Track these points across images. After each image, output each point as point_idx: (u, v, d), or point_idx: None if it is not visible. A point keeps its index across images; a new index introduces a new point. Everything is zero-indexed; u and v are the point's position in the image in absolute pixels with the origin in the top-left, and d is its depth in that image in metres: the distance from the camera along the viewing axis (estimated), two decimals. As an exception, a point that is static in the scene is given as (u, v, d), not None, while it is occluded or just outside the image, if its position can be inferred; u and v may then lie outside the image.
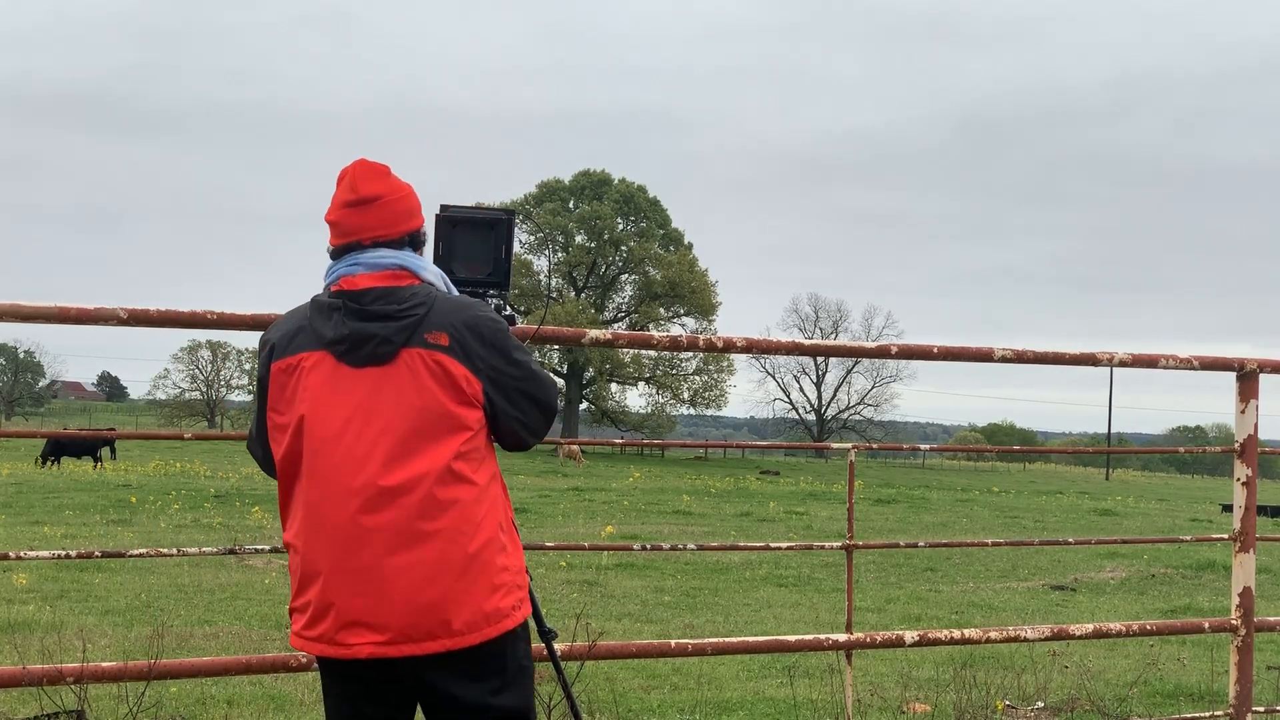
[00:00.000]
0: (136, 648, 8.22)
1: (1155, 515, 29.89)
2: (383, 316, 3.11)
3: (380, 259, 3.20)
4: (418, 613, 3.03)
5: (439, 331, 3.12)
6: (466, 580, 3.06)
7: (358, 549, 3.04)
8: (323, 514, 3.07)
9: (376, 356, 3.09)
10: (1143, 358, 5.09)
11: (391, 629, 3.02)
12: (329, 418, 3.09)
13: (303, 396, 3.12)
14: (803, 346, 5.43)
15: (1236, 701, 5.10)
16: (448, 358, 3.10)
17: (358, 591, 3.03)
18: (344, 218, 3.23)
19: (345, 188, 3.24)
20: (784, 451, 76.73)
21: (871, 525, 22.59)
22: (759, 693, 7.66)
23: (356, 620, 3.03)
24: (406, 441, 3.06)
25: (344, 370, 3.11)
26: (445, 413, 3.09)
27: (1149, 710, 7.33)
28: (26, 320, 3.81)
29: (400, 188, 3.28)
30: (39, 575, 11.95)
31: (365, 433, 3.07)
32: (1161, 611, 12.62)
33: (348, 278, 3.18)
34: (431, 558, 3.04)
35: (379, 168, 3.27)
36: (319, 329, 3.15)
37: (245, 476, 30.24)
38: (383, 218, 3.23)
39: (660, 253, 73.61)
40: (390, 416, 3.07)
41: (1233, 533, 5.23)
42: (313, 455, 3.10)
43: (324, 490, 3.07)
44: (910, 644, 4.99)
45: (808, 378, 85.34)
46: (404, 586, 3.02)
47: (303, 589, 3.11)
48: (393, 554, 3.03)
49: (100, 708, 5.78)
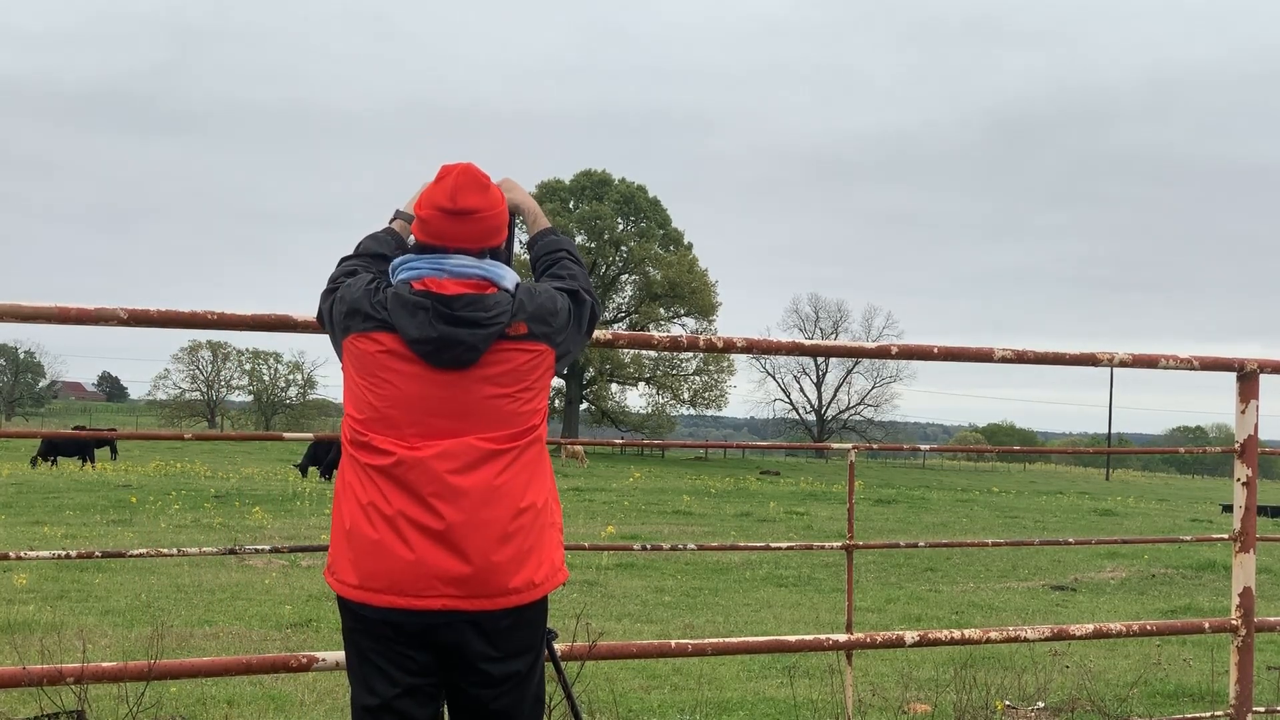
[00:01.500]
0: (136, 648, 8.22)
1: (1155, 515, 29.88)
2: (471, 323, 3.23)
3: (464, 268, 3.30)
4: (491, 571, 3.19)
5: (518, 322, 3.28)
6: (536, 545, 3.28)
7: (437, 506, 3.16)
8: (395, 473, 3.18)
9: (459, 361, 3.21)
10: (1143, 358, 5.09)
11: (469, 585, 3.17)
12: (408, 408, 3.19)
13: (385, 376, 3.22)
14: (803, 347, 5.43)
15: (1237, 701, 5.10)
16: (526, 343, 3.28)
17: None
18: (436, 221, 3.32)
19: (444, 194, 3.32)
20: (784, 452, 76.75)
21: (871, 525, 22.58)
22: (759, 693, 7.66)
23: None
24: (478, 427, 3.20)
25: (422, 366, 3.21)
26: (516, 403, 3.25)
27: (1149, 710, 7.32)
28: (26, 320, 3.81)
29: (496, 202, 3.37)
30: (39, 575, 11.94)
31: (437, 416, 3.19)
32: (1162, 611, 12.62)
33: (433, 280, 3.27)
34: (499, 519, 3.20)
35: (481, 179, 3.35)
36: (402, 324, 3.22)
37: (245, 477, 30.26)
38: (472, 232, 3.33)
39: (660, 253, 73.59)
40: (466, 407, 3.21)
41: (1233, 533, 5.23)
42: (382, 423, 3.20)
43: (401, 453, 3.17)
44: (910, 644, 4.99)
45: (808, 378, 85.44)
46: (480, 544, 3.17)
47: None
48: (466, 513, 3.16)
49: (100, 708, 5.78)
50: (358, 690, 3.27)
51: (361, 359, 3.27)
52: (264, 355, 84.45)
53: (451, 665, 3.24)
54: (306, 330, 4.01)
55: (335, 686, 7.19)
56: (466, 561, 3.14)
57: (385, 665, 3.21)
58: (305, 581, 12.47)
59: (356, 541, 3.19)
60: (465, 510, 3.15)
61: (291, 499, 23.71)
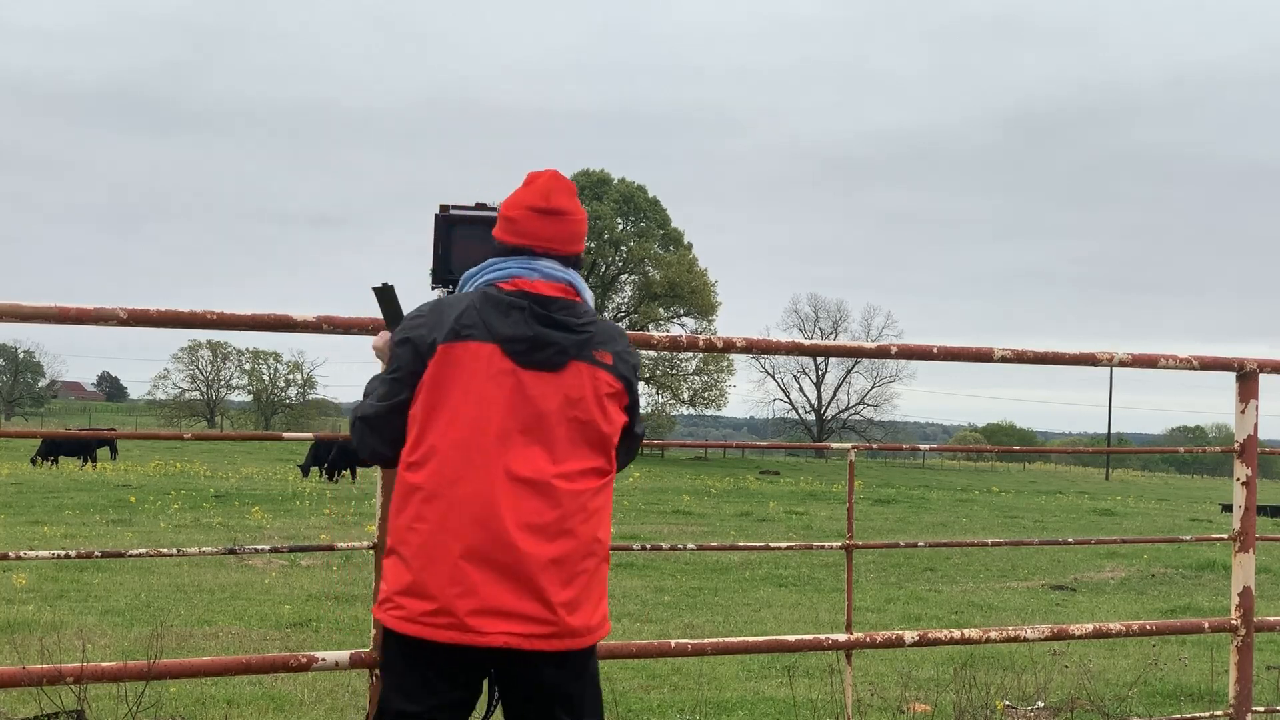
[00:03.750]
0: (136, 648, 8.21)
1: (1155, 515, 29.89)
2: (564, 327, 3.24)
3: (554, 271, 3.31)
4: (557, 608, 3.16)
5: (605, 351, 3.30)
6: (596, 584, 3.26)
7: (505, 542, 3.11)
8: (466, 504, 3.13)
9: (550, 363, 3.21)
10: (1142, 358, 5.09)
11: (535, 620, 3.13)
12: (489, 412, 3.16)
13: (466, 384, 3.17)
14: (803, 346, 5.43)
15: (1236, 701, 5.10)
16: (609, 375, 3.30)
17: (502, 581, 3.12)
18: (527, 220, 3.32)
19: (536, 193, 3.33)
20: (784, 451, 76.74)
21: (871, 525, 22.59)
22: (759, 693, 7.66)
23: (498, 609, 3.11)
24: (561, 446, 3.19)
25: (511, 367, 3.18)
26: (597, 426, 3.26)
27: (1149, 710, 7.32)
28: (26, 320, 3.81)
29: (581, 211, 3.41)
30: (39, 575, 11.94)
31: (524, 431, 3.16)
32: (1161, 611, 12.62)
33: (525, 280, 3.27)
34: (569, 558, 3.17)
35: (570, 184, 3.38)
36: (492, 323, 3.20)
37: (245, 477, 30.27)
38: (562, 233, 3.34)
39: (660, 253, 73.56)
40: (552, 421, 3.19)
41: (1233, 533, 5.23)
42: (464, 444, 3.15)
43: (472, 482, 3.13)
44: (910, 644, 4.99)
45: (807, 378, 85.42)
46: (548, 582, 3.14)
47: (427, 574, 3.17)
48: (539, 549, 3.13)
49: (100, 708, 5.78)
50: (395, 696, 3.24)
51: (447, 370, 3.21)
52: (264, 355, 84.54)
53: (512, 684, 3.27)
54: (306, 330, 4.01)
55: (335, 686, 7.19)
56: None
57: (434, 679, 3.21)
58: (305, 581, 12.48)
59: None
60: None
61: (291, 499, 23.71)
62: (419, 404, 3.21)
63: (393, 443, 3.27)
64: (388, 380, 3.27)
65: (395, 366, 3.26)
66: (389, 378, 3.27)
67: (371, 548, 4.20)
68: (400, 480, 3.25)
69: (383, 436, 3.27)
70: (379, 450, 3.30)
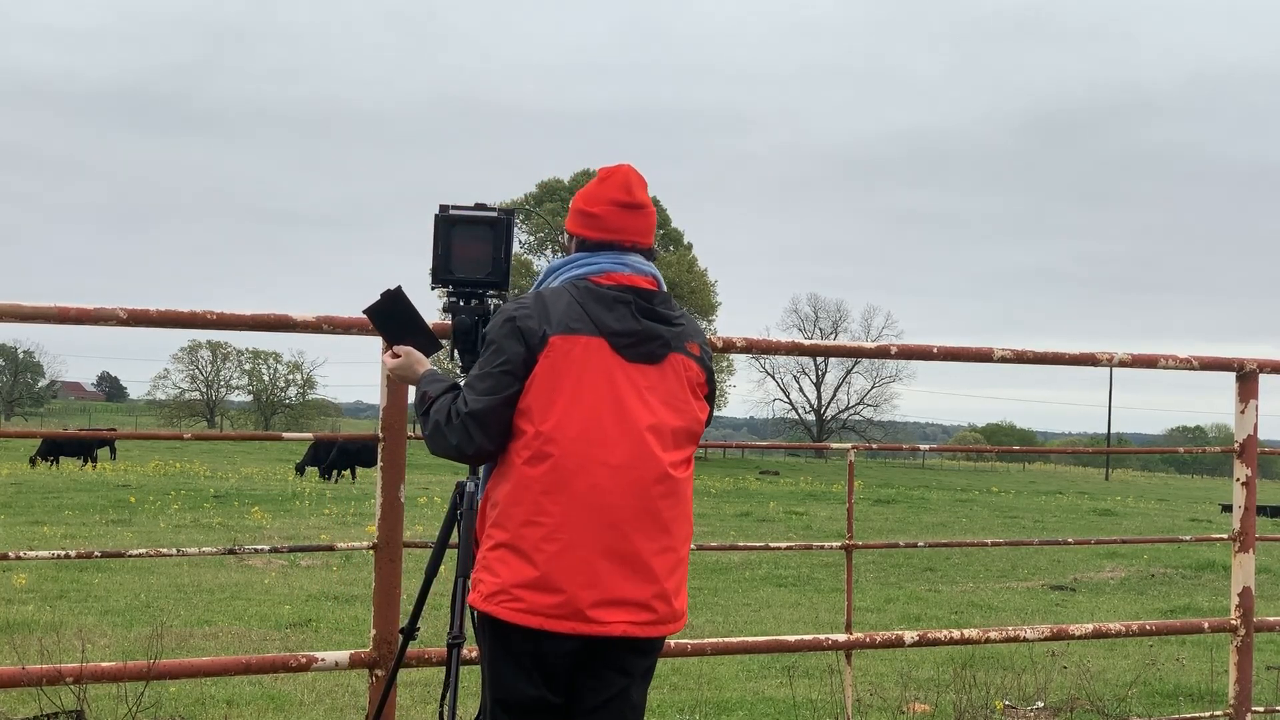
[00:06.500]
0: (136, 648, 8.21)
1: (1155, 515, 29.89)
2: (665, 320, 3.31)
3: (643, 265, 3.36)
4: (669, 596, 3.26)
5: (694, 342, 3.39)
6: (685, 569, 3.37)
7: (626, 533, 3.18)
8: (589, 497, 3.16)
9: (653, 356, 3.27)
10: (1142, 358, 5.09)
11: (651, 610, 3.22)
12: (602, 405, 3.19)
13: (579, 377, 3.20)
14: (802, 346, 5.44)
15: (1236, 701, 5.10)
16: (698, 366, 3.38)
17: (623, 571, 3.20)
18: (612, 215, 3.34)
19: (618, 187, 3.36)
20: (784, 451, 76.75)
21: (871, 525, 22.59)
22: (759, 693, 7.66)
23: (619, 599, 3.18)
24: (667, 437, 3.26)
25: (618, 361, 3.22)
26: (692, 414, 3.34)
27: (1148, 710, 7.32)
28: (26, 320, 3.81)
29: (653, 205, 3.45)
30: (39, 575, 11.94)
31: (636, 424, 3.21)
32: (1161, 611, 12.62)
33: (623, 274, 3.30)
34: (675, 547, 3.28)
35: (644, 178, 3.42)
36: (599, 317, 3.23)
37: (245, 477, 30.28)
38: (643, 226, 3.39)
39: (659, 253, 73.57)
40: (661, 414, 3.25)
41: (1232, 533, 5.23)
42: (582, 438, 3.18)
43: (593, 475, 3.17)
44: (910, 644, 4.99)
45: (807, 378, 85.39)
46: (660, 570, 3.24)
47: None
48: (654, 539, 3.22)
49: (100, 708, 5.77)
50: (515, 684, 3.26)
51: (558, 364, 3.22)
52: (264, 355, 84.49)
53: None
54: (306, 330, 4.01)
55: (335, 687, 7.19)
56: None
57: (541, 666, 3.26)
58: (305, 581, 12.48)
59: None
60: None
61: (291, 499, 23.71)
62: (531, 396, 3.20)
63: (500, 437, 3.23)
64: (495, 373, 3.22)
65: (503, 359, 3.21)
66: (496, 370, 3.22)
67: (371, 548, 4.20)
68: (516, 474, 3.20)
69: (492, 432, 3.22)
70: (485, 447, 3.24)
